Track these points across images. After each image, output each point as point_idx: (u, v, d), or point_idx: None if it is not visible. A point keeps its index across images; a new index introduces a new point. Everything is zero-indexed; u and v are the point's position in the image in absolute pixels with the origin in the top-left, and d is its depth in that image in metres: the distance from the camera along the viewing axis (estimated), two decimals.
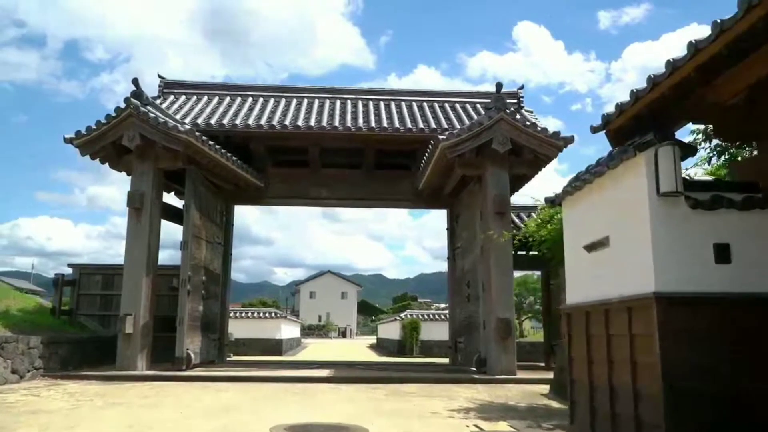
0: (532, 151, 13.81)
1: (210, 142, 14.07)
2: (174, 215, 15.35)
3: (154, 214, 13.94)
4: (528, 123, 13.71)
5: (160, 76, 18.33)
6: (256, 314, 33.10)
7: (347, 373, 13.88)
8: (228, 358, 25.63)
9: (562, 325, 15.67)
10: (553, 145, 13.71)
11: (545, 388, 11.40)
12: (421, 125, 16.46)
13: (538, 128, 13.67)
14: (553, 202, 6.88)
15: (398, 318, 35.05)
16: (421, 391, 10.88)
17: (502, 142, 13.46)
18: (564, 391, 10.25)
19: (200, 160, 14.29)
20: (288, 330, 36.76)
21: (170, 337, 13.68)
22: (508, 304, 13.46)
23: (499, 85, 14.08)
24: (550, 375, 13.58)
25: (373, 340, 65.23)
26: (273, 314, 33.52)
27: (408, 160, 17.94)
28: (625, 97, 5.12)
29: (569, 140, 13.77)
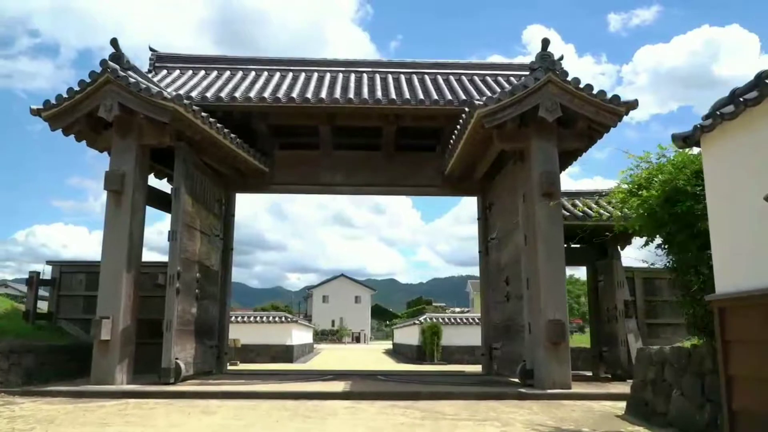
0: (587, 119, 11.53)
1: (203, 114, 11.93)
2: (163, 202, 13.21)
3: (138, 199, 11.81)
4: (581, 86, 11.40)
5: (151, 49, 16.25)
6: (265, 319, 30.97)
7: (367, 386, 11.63)
8: (233, 366, 23.45)
9: (613, 326, 13.37)
10: (613, 111, 11.42)
11: (615, 406, 9.11)
12: (450, 97, 14.23)
13: (594, 91, 11.37)
14: (687, 139, 4.60)
15: (417, 322, 32.75)
16: (462, 412, 8.59)
17: (551, 108, 11.20)
18: (648, 411, 7.98)
19: (192, 136, 12.14)
20: (299, 335, 34.58)
21: (159, 345, 11.52)
22: (560, 302, 11.15)
23: (545, 42, 11.75)
24: (611, 388, 11.30)
25: (388, 345, 63.05)
26: (283, 318, 31.35)
27: (433, 140, 15.74)
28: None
29: (632, 105, 11.47)
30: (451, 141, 13.60)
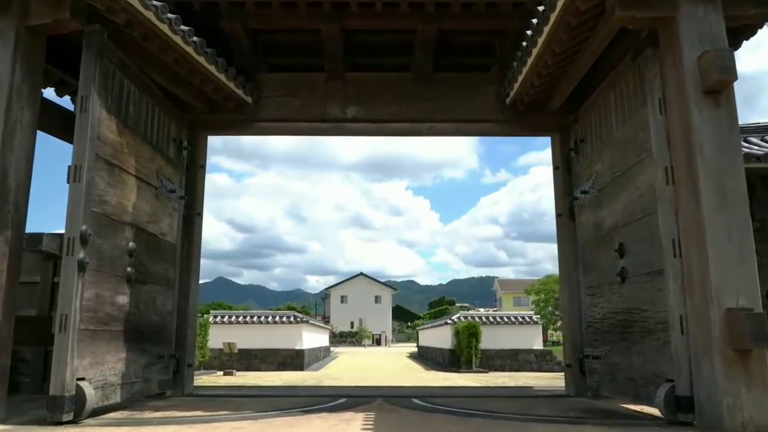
0: None
1: None
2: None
3: (20, 116, 7.17)
4: None
5: None
6: (270, 319, 26.40)
7: (405, 425, 6.84)
8: (228, 375, 18.82)
9: None
10: None
11: None
12: None
13: None
14: None
15: (449, 321, 27.92)
16: None
17: None
18: None
19: (115, 19, 7.44)
20: (312, 338, 29.93)
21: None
22: (748, 279, 6.28)
23: None
24: None
25: (411, 348, 58.52)
26: (292, 318, 26.72)
27: (488, 58, 10.99)
28: None
29: None
30: (525, 39, 8.80)
